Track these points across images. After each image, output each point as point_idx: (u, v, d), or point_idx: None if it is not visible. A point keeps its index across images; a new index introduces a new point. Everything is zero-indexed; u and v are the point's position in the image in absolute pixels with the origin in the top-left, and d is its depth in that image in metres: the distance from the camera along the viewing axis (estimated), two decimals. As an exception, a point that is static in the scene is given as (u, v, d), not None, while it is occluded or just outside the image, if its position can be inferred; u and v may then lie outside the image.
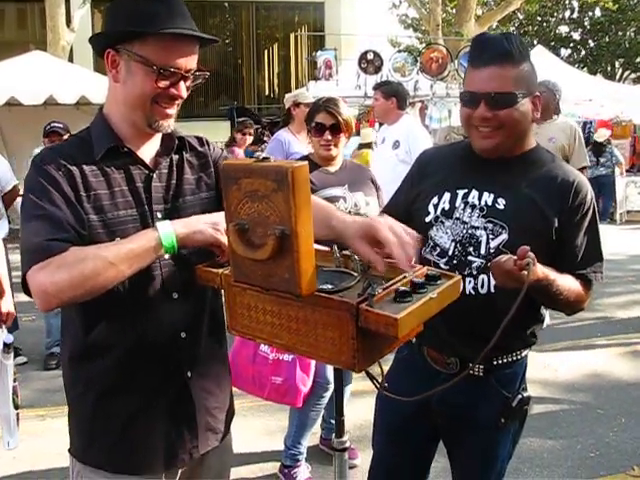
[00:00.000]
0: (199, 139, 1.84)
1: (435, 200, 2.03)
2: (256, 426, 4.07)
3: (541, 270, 1.76)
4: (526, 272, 1.67)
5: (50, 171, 1.53)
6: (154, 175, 1.66)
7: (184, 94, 1.61)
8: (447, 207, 2.00)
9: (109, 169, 1.60)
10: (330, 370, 3.23)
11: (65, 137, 5.18)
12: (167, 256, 1.57)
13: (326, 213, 1.53)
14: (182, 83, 1.59)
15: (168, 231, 1.50)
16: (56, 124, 5.47)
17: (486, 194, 1.96)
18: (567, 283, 1.90)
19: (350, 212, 3.07)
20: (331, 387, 3.28)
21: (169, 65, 1.54)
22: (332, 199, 3.03)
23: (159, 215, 1.64)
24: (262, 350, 3.18)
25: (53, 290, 1.42)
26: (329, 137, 3.13)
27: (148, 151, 1.69)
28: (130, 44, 1.54)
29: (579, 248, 1.95)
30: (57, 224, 1.48)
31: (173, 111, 1.63)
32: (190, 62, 1.59)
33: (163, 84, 1.56)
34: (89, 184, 1.56)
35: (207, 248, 1.56)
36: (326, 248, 1.57)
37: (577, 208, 1.92)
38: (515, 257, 1.70)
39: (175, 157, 1.73)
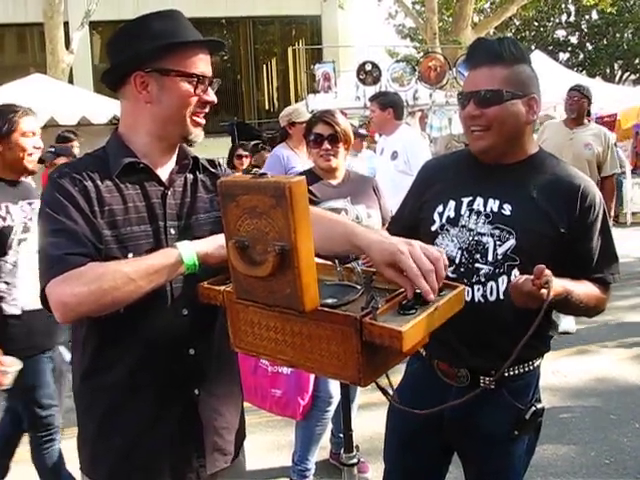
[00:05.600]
0: (211, 162, 1.87)
1: (440, 208, 2.02)
2: (265, 442, 4.04)
3: (559, 284, 1.74)
4: (545, 290, 1.66)
5: (66, 186, 1.56)
6: (169, 192, 1.69)
7: (215, 99, 1.68)
8: (452, 215, 2.00)
9: (124, 185, 1.63)
10: (332, 384, 3.21)
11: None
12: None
13: (345, 228, 1.50)
14: (210, 89, 1.67)
15: (188, 249, 1.53)
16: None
17: (491, 201, 1.95)
18: (585, 290, 1.89)
19: None
20: (334, 401, 3.27)
21: (200, 72, 1.63)
22: (333, 212, 3.02)
23: (172, 232, 1.66)
24: (262, 362, 3.17)
25: (72, 303, 1.44)
26: (328, 147, 3.13)
27: (164, 169, 1.72)
28: (161, 60, 1.60)
29: (594, 252, 1.94)
30: (75, 238, 1.51)
31: (203, 120, 1.69)
32: (210, 68, 1.67)
33: (199, 91, 1.63)
34: (103, 199, 1.59)
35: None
36: (328, 262, 1.56)
37: (587, 212, 1.91)
38: (532, 277, 1.68)
39: (190, 176, 1.76)
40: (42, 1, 12.39)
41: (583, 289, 1.88)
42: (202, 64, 1.64)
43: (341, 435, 3.47)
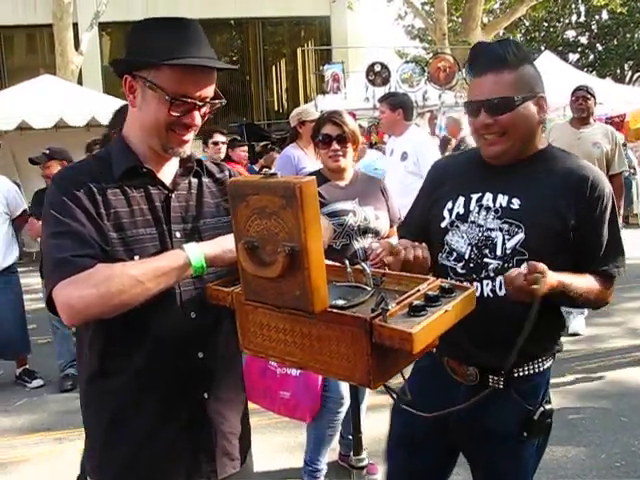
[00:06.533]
0: (219, 165, 1.86)
1: (449, 205, 2.02)
2: (274, 443, 4.03)
3: (554, 278, 1.73)
4: (537, 286, 1.65)
5: (71, 188, 1.55)
6: (173, 195, 1.67)
7: (198, 122, 1.62)
8: (462, 211, 1.99)
9: (128, 188, 1.62)
10: (343, 385, 3.20)
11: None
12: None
13: None
14: (196, 112, 1.60)
15: (196, 252, 1.52)
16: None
17: (500, 196, 1.94)
18: (585, 284, 1.88)
19: (360, 226, 3.06)
20: (345, 402, 3.25)
21: (182, 95, 1.55)
22: (341, 213, 3.02)
23: (178, 235, 1.65)
24: (271, 364, 3.16)
25: (80, 305, 1.44)
26: (337, 147, 3.11)
27: (167, 172, 1.70)
28: (146, 72, 1.56)
29: (600, 244, 1.93)
30: (81, 240, 1.50)
31: (189, 137, 1.64)
32: (205, 91, 1.59)
33: (176, 113, 1.57)
34: (109, 202, 1.58)
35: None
36: (337, 263, 1.55)
37: (595, 204, 1.90)
38: (524, 272, 1.68)
39: (194, 180, 1.75)
40: (51, 3, 12.46)
41: (583, 282, 1.87)
42: (191, 86, 1.56)
43: (350, 437, 3.48)
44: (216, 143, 6.00)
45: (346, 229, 3.02)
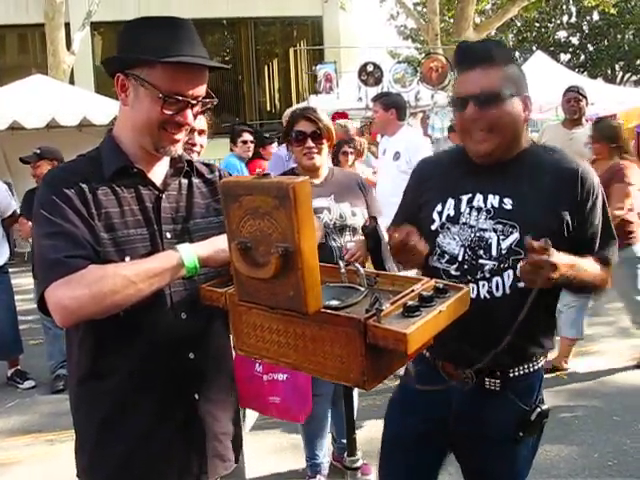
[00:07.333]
0: (208, 166, 1.85)
1: (439, 207, 2.01)
2: (267, 444, 4.02)
3: (566, 259, 1.73)
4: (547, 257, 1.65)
5: (62, 188, 1.54)
6: (163, 196, 1.67)
7: (191, 121, 1.61)
8: (452, 213, 1.98)
9: (119, 188, 1.61)
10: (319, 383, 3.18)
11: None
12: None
13: None
14: (189, 110, 1.59)
15: (189, 252, 1.52)
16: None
17: (491, 196, 1.94)
18: (591, 268, 1.89)
19: (335, 223, 3.01)
20: (320, 399, 3.24)
21: (175, 92, 1.55)
22: (316, 210, 2.95)
23: (168, 235, 1.64)
24: (257, 371, 3.13)
25: (73, 306, 1.44)
26: (311, 144, 3.02)
27: (158, 172, 1.69)
28: (139, 70, 1.55)
29: (596, 233, 1.95)
30: (73, 240, 1.50)
31: (181, 136, 1.63)
32: (198, 89, 1.59)
33: (169, 111, 1.56)
34: (100, 202, 1.57)
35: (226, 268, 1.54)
36: (329, 264, 1.55)
37: (587, 196, 1.91)
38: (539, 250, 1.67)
39: (184, 181, 1.74)
40: (43, 2, 12.41)
41: (590, 265, 1.88)
42: (184, 84, 1.56)
43: (343, 440, 3.48)
44: (245, 142, 6.16)
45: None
